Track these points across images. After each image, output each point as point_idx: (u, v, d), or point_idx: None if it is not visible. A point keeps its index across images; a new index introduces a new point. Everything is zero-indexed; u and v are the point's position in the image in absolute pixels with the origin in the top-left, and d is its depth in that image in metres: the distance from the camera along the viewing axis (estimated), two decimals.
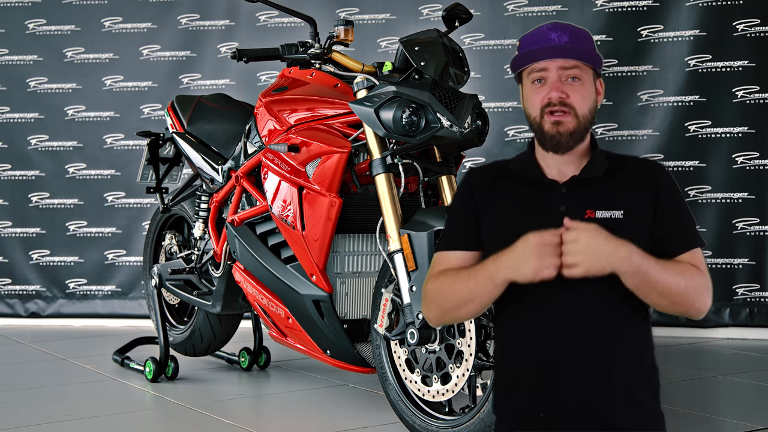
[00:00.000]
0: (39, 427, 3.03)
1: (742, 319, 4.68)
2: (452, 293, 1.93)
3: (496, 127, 4.80)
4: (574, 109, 1.92)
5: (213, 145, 3.70)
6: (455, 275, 1.94)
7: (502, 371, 2.00)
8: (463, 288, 1.90)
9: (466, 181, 2.06)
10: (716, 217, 4.70)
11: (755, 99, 4.66)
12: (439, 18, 3.27)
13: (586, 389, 1.86)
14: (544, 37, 1.95)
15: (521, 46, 2.00)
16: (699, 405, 3.31)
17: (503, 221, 1.95)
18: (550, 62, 1.93)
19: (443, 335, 2.69)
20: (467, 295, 1.90)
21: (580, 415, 1.86)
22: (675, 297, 1.85)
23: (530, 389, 1.90)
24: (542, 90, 1.93)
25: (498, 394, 2.01)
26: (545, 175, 1.97)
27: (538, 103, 1.93)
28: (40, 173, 5.30)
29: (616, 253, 1.77)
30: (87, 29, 5.26)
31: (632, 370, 1.90)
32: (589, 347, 1.87)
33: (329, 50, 3.09)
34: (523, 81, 1.99)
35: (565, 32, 1.95)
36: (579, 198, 1.92)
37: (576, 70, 1.93)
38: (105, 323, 5.20)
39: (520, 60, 1.98)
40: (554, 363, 1.87)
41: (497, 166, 2.07)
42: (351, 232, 3.15)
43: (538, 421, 1.88)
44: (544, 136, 1.94)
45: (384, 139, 2.86)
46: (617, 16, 4.79)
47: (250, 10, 5.06)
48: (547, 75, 1.93)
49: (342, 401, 3.38)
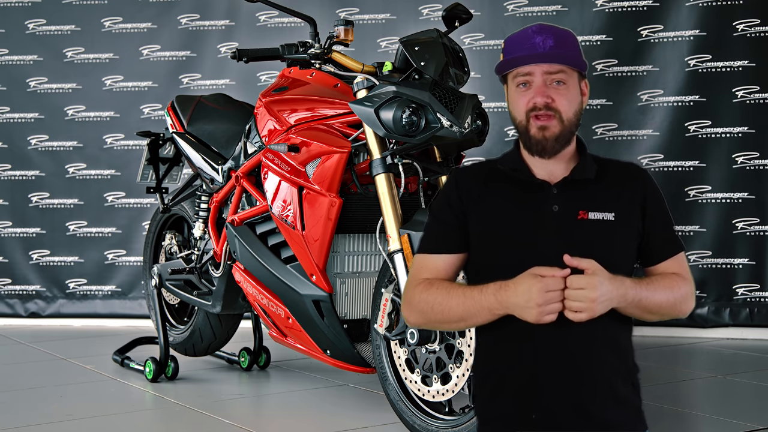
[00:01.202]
0: (39, 427, 3.03)
1: (742, 319, 4.68)
2: (445, 310, 1.91)
3: (496, 127, 4.79)
4: (559, 113, 1.92)
5: (213, 145, 3.70)
6: (448, 291, 1.91)
7: (489, 375, 1.98)
8: (457, 308, 1.89)
9: (453, 182, 2.03)
10: (716, 217, 4.70)
11: (755, 99, 4.66)
12: (439, 18, 3.27)
13: (575, 390, 1.87)
14: (529, 40, 1.94)
15: (506, 48, 2.00)
16: (699, 405, 3.31)
17: (495, 221, 1.94)
18: (535, 67, 1.92)
19: (443, 335, 2.70)
20: (461, 314, 1.90)
21: (572, 415, 1.87)
22: (664, 310, 1.92)
23: (520, 392, 1.90)
24: (527, 94, 1.93)
25: (483, 397, 2.00)
26: (535, 175, 1.96)
27: (523, 106, 1.94)
28: (40, 173, 5.30)
29: (617, 293, 1.81)
30: (87, 29, 5.26)
31: (618, 369, 1.93)
32: (577, 349, 1.88)
33: (329, 50, 3.09)
34: (508, 84, 1.99)
35: (550, 36, 1.94)
36: (571, 199, 1.92)
37: (561, 74, 1.93)
38: (105, 323, 5.20)
39: (505, 64, 1.98)
40: (544, 365, 1.88)
41: (485, 166, 2.05)
42: (351, 232, 3.15)
43: (530, 423, 1.89)
44: (530, 140, 1.94)
45: (384, 139, 2.86)
46: (617, 16, 4.79)
47: (250, 10, 5.06)
48: (532, 79, 1.93)
49: (342, 401, 3.38)
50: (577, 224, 1.90)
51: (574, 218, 1.89)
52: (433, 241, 2.02)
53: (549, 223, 1.87)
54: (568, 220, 1.90)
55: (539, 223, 1.87)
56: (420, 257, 2.03)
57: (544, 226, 1.88)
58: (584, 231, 1.87)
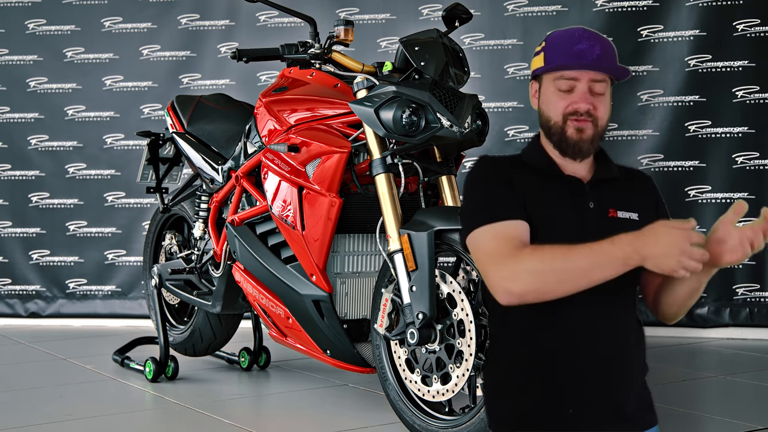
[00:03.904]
0: (39, 427, 3.03)
1: (742, 319, 4.68)
2: (569, 265, 1.82)
3: (496, 127, 4.79)
4: (596, 119, 1.98)
5: (213, 145, 3.70)
6: (568, 248, 1.83)
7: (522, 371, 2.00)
8: (583, 260, 1.81)
9: (486, 163, 2.03)
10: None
11: (755, 99, 4.66)
12: (439, 18, 3.28)
13: (612, 385, 1.93)
14: (576, 45, 1.98)
15: (549, 47, 2.02)
16: (699, 405, 3.31)
17: (535, 208, 1.96)
18: (582, 73, 1.97)
19: (443, 335, 2.70)
20: (588, 266, 1.81)
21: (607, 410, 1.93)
22: (693, 300, 1.99)
23: (557, 388, 1.94)
24: (568, 98, 1.98)
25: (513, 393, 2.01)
26: (563, 171, 2.02)
27: (561, 109, 1.98)
28: (40, 173, 5.30)
29: None
30: (87, 29, 5.26)
31: (642, 371, 2.01)
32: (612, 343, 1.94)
33: (329, 50, 3.09)
34: (544, 83, 2.02)
35: (597, 43, 1.99)
36: (603, 197, 1.99)
37: (603, 84, 1.99)
38: (105, 323, 5.20)
39: (553, 68, 2.00)
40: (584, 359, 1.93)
41: (507, 158, 2.09)
42: (351, 232, 3.15)
43: (566, 417, 1.93)
44: (566, 142, 1.98)
45: (384, 139, 2.86)
46: (617, 16, 4.79)
47: (250, 10, 5.06)
48: (576, 84, 1.97)
49: (342, 401, 3.38)
50: (609, 222, 1.97)
51: (606, 216, 1.97)
52: (497, 211, 1.94)
53: (589, 219, 1.94)
54: (602, 218, 1.97)
55: (579, 217, 1.94)
56: (487, 230, 1.93)
57: (583, 221, 1.94)
58: (615, 229, 1.89)
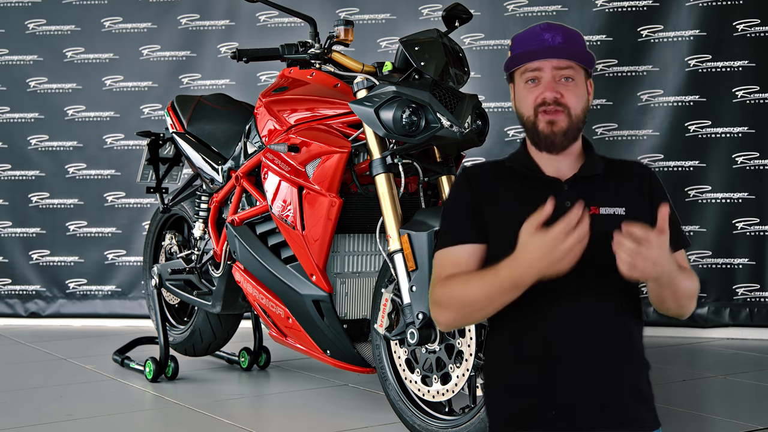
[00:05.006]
0: (39, 427, 3.03)
1: (742, 319, 4.68)
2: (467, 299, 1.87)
3: (496, 127, 4.79)
4: (567, 109, 1.94)
5: (213, 145, 3.70)
6: (466, 280, 1.88)
7: (504, 373, 1.98)
8: (479, 293, 1.85)
9: (463, 177, 2.04)
10: (716, 217, 4.70)
11: (755, 99, 4.66)
12: (439, 18, 3.28)
13: (595, 384, 1.89)
14: (538, 37, 1.97)
15: (514, 46, 2.02)
16: (699, 405, 3.32)
17: (508, 217, 1.94)
18: (544, 62, 1.94)
19: (443, 335, 2.69)
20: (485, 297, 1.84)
21: (592, 411, 1.89)
22: (683, 300, 1.91)
23: (538, 389, 1.91)
24: (536, 90, 1.95)
25: (497, 396, 2.00)
26: (544, 172, 1.98)
27: (531, 102, 1.96)
28: (40, 173, 5.30)
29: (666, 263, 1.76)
30: (87, 29, 5.26)
31: (634, 364, 1.95)
32: (595, 343, 1.90)
33: (329, 50, 3.09)
34: (516, 81, 2.01)
35: (558, 33, 1.97)
36: (582, 195, 1.93)
37: (569, 71, 1.95)
38: (105, 323, 5.20)
39: (513, 60, 2.00)
40: (562, 360, 1.89)
41: (491, 165, 2.07)
42: (351, 232, 3.15)
43: (550, 419, 1.89)
44: (538, 136, 1.95)
45: (384, 139, 2.86)
46: (617, 16, 4.79)
47: (250, 10, 5.06)
48: (541, 75, 1.95)
49: (342, 401, 3.38)
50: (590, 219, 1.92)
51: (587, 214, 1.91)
52: (452, 234, 1.98)
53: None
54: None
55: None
56: (439, 255, 1.99)
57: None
58: (596, 226, 1.88)
